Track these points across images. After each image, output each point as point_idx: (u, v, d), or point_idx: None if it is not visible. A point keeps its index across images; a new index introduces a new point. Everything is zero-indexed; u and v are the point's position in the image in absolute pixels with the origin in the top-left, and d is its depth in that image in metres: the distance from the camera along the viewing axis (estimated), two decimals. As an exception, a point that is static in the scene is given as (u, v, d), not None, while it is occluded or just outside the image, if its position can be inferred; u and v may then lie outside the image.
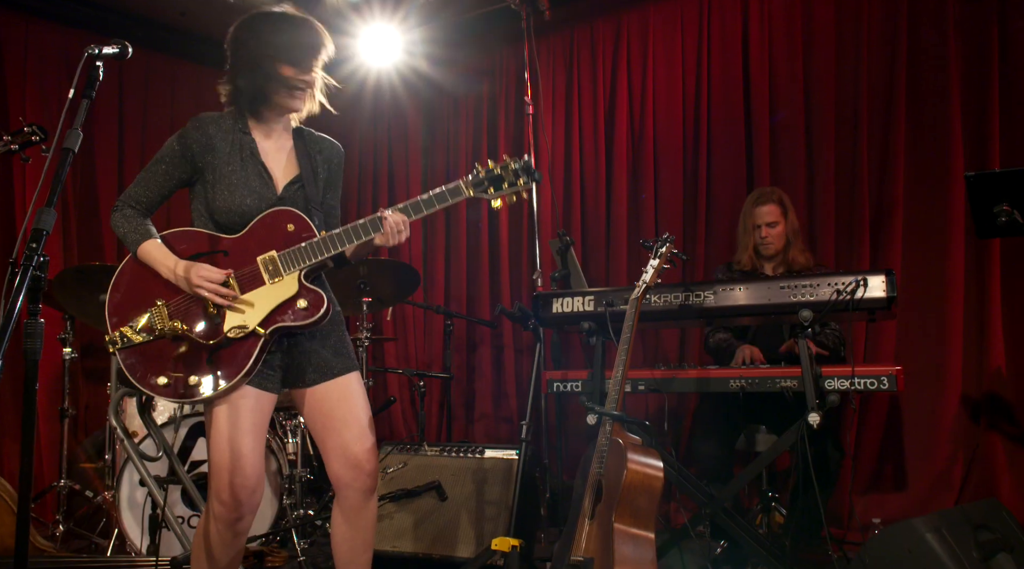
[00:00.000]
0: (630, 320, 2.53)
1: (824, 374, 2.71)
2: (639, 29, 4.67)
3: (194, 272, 2.10)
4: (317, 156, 2.33)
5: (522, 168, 2.16)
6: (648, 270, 2.60)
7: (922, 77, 3.78)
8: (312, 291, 2.13)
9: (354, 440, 2.20)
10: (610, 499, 2.22)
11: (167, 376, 2.11)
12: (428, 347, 5.45)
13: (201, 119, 2.22)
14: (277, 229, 2.16)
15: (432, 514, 3.43)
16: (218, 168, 2.18)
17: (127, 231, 2.21)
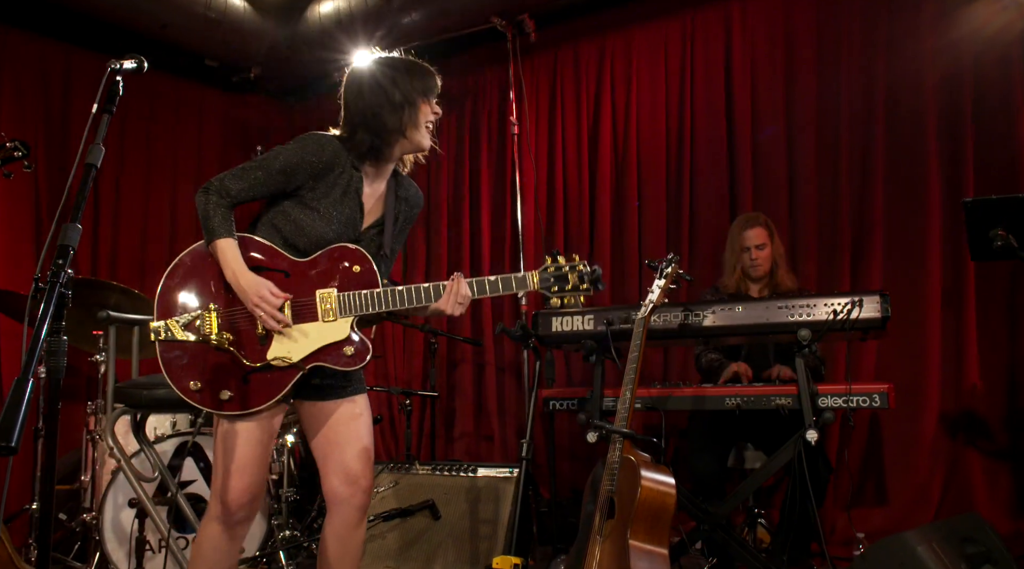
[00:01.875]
0: (638, 339, 2.57)
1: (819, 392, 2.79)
2: (623, 51, 4.76)
3: (257, 288, 2.07)
4: (403, 205, 2.33)
5: (590, 277, 2.13)
6: (654, 290, 2.65)
7: (900, 103, 3.92)
8: (360, 340, 2.11)
9: (355, 458, 2.22)
10: (624, 516, 2.24)
11: (202, 382, 2.11)
12: (408, 365, 5.43)
13: (322, 143, 2.16)
14: (341, 267, 2.12)
15: (426, 533, 3.41)
16: (319, 193, 2.16)
17: (212, 217, 2.11)
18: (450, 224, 5.38)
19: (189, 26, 5.03)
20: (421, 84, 2.23)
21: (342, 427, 2.23)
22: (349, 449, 2.22)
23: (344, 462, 2.21)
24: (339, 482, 2.21)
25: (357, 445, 2.23)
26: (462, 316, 5.10)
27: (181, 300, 2.15)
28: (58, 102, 4.85)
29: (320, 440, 2.25)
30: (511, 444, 4.96)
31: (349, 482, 2.21)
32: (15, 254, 4.52)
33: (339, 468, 2.21)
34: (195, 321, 2.12)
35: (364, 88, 2.21)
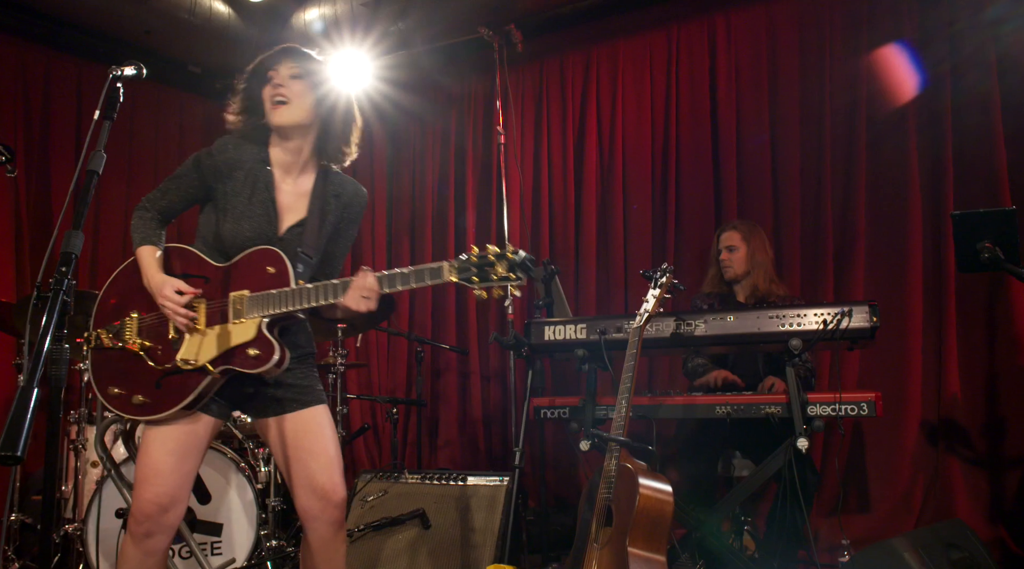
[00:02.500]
0: (633, 348, 2.59)
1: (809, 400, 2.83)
2: (608, 62, 4.81)
3: (161, 287, 2.09)
4: (333, 199, 2.27)
5: (519, 264, 1.94)
6: (649, 300, 2.67)
7: (881, 114, 3.99)
8: (267, 341, 2.03)
9: (321, 470, 2.14)
10: (623, 524, 2.26)
11: (120, 388, 2.11)
12: (392, 373, 5.41)
13: (225, 143, 2.20)
14: (257, 269, 2.10)
15: (416, 542, 3.40)
16: (229, 196, 2.17)
17: (135, 231, 2.21)
18: (435, 231, 5.38)
19: (172, 32, 5.00)
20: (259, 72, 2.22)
21: (303, 441, 2.17)
22: (314, 462, 2.15)
23: (310, 476, 2.14)
24: (308, 498, 2.15)
25: (322, 457, 2.15)
26: (447, 324, 5.13)
27: (111, 310, 2.20)
28: (38, 107, 4.80)
29: (284, 457, 2.19)
30: (496, 453, 4.96)
31: (318, 497, 2.14)
32: (-6, 258, 4.46)
33: (306, 483, 2.15)
34: (119, 329, 2.15)
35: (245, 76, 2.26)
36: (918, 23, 3.93)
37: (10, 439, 1.51)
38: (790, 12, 4.29)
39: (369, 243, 5.60)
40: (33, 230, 4.70)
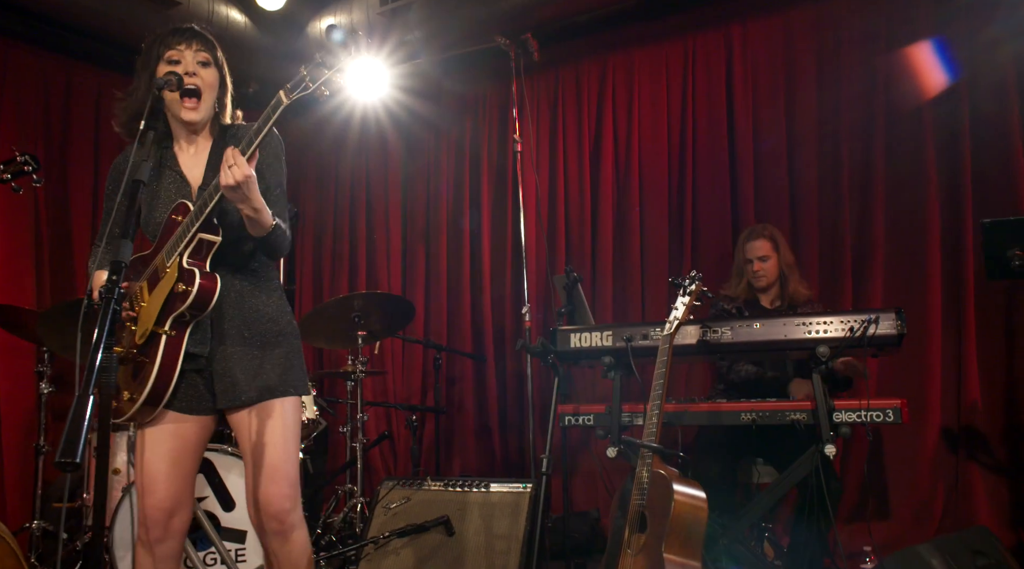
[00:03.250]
0: (664, 356, 2.61)
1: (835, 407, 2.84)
2: (624, 71, 4.84)
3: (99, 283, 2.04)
4: (232, 142, 2.13)
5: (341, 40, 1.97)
6: (679, 307, 2.69)
7: (898, 121, 4.02)
8: (187, 271, 1.98)
9: (264, 481, 2.05)
10: (658, 530, 2.27)
11: (116, 399, 2.07)
12: (407, 381, 5.42)
13: (118, 158, 2.23)
14: (171, 226, 2.07)
15: (440, 549, 3.41)
16: (147, 193, 2.15)
17: (89, 267, 2.22)
18: (450, 239, 5.40)
19: (190, 41, 5.03)
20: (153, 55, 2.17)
21: (247, 442, 2.09)
22: (259, 472, 2.06)
23: (254, 486, 2.06)
24: (251, 508, 2.08)
25: (267, 466, 2.05)
26: (463, 331, 5.14)
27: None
28: (58, 117, 4.83)
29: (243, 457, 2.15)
30: (512, 460, 4.97)
31: (258, 509, 2.06)
32: (15, 269, 4.48)
33: (251, 492, 2.08)
34: None
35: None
36: (935, 30, 3.95)
37: (69, 446, 1.53)
38: (806, 21, 4.32)
39: (384, 251, 5.62)
40: (52, 239, 4.72)
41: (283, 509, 2.06)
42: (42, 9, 4.53)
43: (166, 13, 4.77)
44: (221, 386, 2.10)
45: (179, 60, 2.15)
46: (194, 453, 2.13)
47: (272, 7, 5.08)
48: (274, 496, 2.06)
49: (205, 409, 2.12)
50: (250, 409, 2.10)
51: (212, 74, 2.18)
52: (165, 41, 2.17)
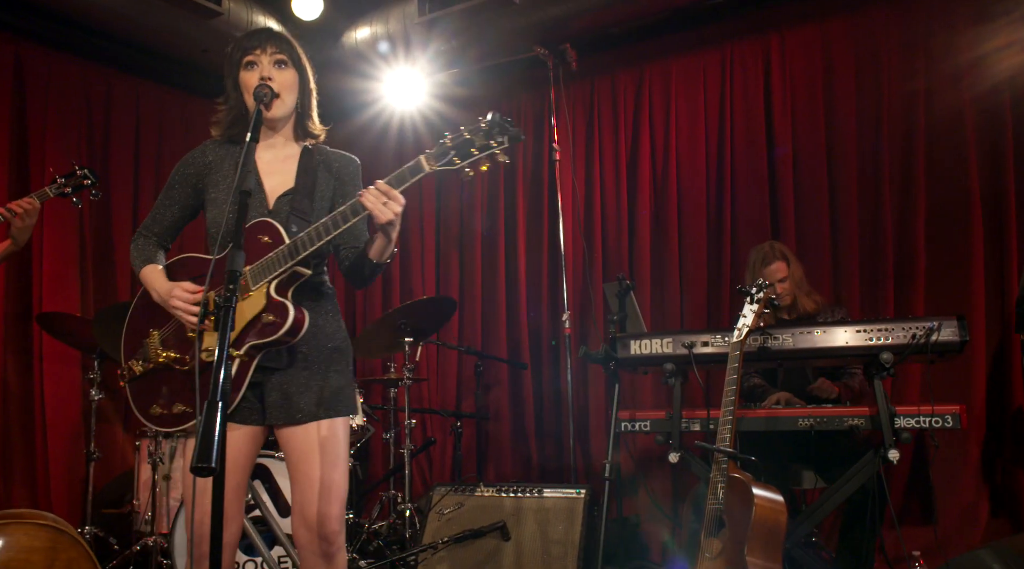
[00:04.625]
0: (735, 363, 2.66)
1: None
2: (661, 81, 4.89)
3: (169, 292, 2.08)
4: (323, 170, 2.24)
5: (496, 126, 1.85)
6: (747, 315, 2.74)
7: (940, 129, 4.06)
8: (278, 304, 1.99)
9: (312, 501, 2.05)
10: (738, 535, 2.31)
11: (159, 406, 2.11)
12: (441, 388, 5.46)
13: (207, 143, 2.25)
14: (254, 243, 2.05)
15: (497, 554, 3.45)
16: (219, 185, 2.18)
17: (134, 259, 2.24)
18: (484, 245, 5.44)
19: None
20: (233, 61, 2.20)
21: (300, 461, 2.08)
22: (310, 489, 2.06)
23: (303, 503, 2.06)
24: (299, 526, 2.07)
25: (313, 486, 2.05)
26: (498, 338, 5.18)
27: (136, 340, 2.20)
28: (100, 126, 4.87)
29: (289, 474, 2.13)
30: (549, 466, 5.00)
31: (307, 528, 2.06)
32: (61, 277, 4.51)
33: (299, 509, 2.07)
34: (144, 351, 2.16)
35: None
36: (976, 38, 3.99)
37: (205, 452, 1.57)
38: (845, 30, 4.37)
39: (419, 257, 5.66)
40: (95, 247, 4.76)
41: (334, 530, 2.07)
42: (84, 18, 4.57)
43: (205, 23, 4.82)
44: (273, 400, 2.09)
45: (255, 63, 2.19)
46: (244, 465, 2.12)
47: (308, 17, 5.12)
48: (328, 516, 2.06)
49: (255, 420, 2.12)
50: (304, 426, 2.09)
51: (290, 74, 2.21)
52: (241, 46, 2.22)
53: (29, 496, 4.28)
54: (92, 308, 4.63)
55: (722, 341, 3.04)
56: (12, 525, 2.64)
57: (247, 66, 2.19)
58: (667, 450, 4.54)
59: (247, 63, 2.19)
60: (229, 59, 2.24)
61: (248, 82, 2.17)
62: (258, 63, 2.18)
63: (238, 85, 2.21)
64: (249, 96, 2.17)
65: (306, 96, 2.27)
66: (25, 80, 4.51)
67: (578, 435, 4.60)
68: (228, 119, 2.25)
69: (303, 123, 2.28)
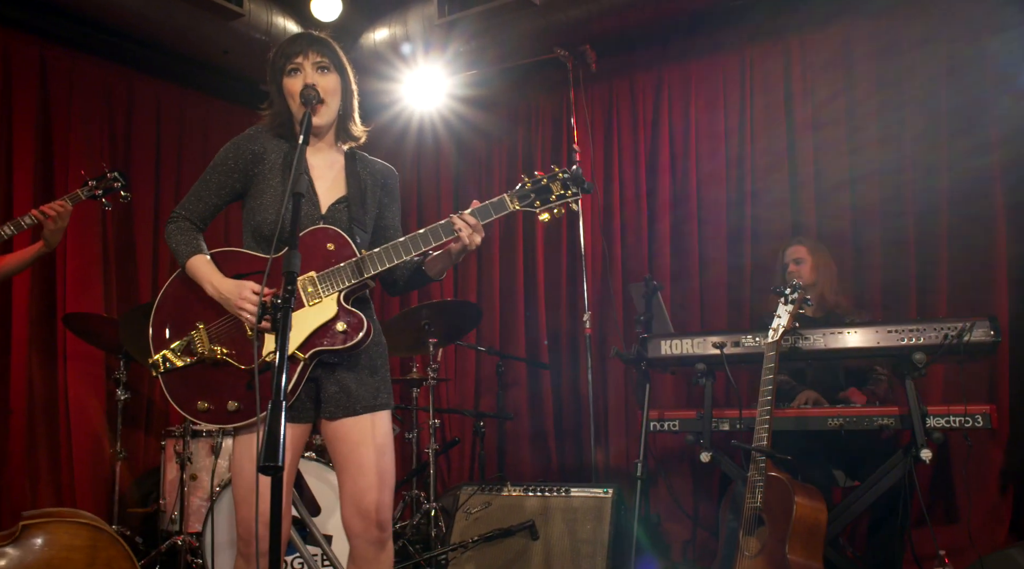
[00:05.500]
0: (771, 363, 2.68)
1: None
2: (680, 83, 4.91)
3: (239, 291, 2.08)
4: (368, 178, 2.30)
5: (572, 178, 2.07)
6: (782, 315, 2.76)
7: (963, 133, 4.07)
8: (352, 313, 2.07)
9: (368, 489, 2.10)
10: (779, 533, 2.33)
11: (207, 401, 2.11)
12: (460, 387, 5.48)
13: (256, 128, 2.25)
14: (317, 249, 2.10)
15: (526, 553, 3.47)
16: (266, 179, 2.19)
17: (178, 243, 2.20)
18: (503, 246, 5.46)
19: (247, 52, 5.08)
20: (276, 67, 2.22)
21: (353, 452, 2.13)
22: (362, 479, 2.11)
23: (356, 493, 2.11)
24: (351, 515, 2.12)
25: (371, 474, 2.11)
26: (516, 338, 5.20)
27: (171, 329, 2.18)
28: (122, 128, 4.88)
29: (335, 465, 2.18)
30: (569, 466, 5.02)
31: (362, 516, 2.10)
32: (85, 277, 4.53)
33: (351, 499, 2.12)
34: (187, 344, 2.15)
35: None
36: (999, 41, 4.01)
37: (271, 451, 1.59)
38: (865, 33, 4.39)
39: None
40: (117, 247, 4.78)
41: (387, 518, 2.13)
42: (106, 19, 4.58)
43: (226, 24, 4.84)
44: (331, 393, 2.15)
45: (299, 70, 2.21)
46: (293, 462, 2.16)
47: (327, 18, 5.14)
48: (382, 504, 2.12)
49: (305, 418, 2.16)
50: (360, 418, 2.15)
51: (332, 79, 2.23)
52: (284, 51, 2.24)
53: (54, 495, 4.30)
54: (116, 308, 4.65)
55: (753, 341, 3.07)
56: (54, 523, 2.69)
57: (290, 72, 2.22)
58: (687, 449, 4.63)
59: (290, 70, 2.22)
60: (272, 65, 2.27)
61: (292, 88, 2.21)
62: (301, 69, 2.21)
63: (282, 90, 2.24)
64: (293, 101, 2.21)
65: (348, 98, 2.31)
66: (49, 82, 4.53)
67: (598, 435, 4.62)
68: (275, 123, 2.28)
69: (346, 125, 2.32)
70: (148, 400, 4.81)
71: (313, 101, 2.16)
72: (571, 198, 2.05)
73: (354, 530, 2.13)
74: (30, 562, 2.58)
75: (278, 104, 2.26)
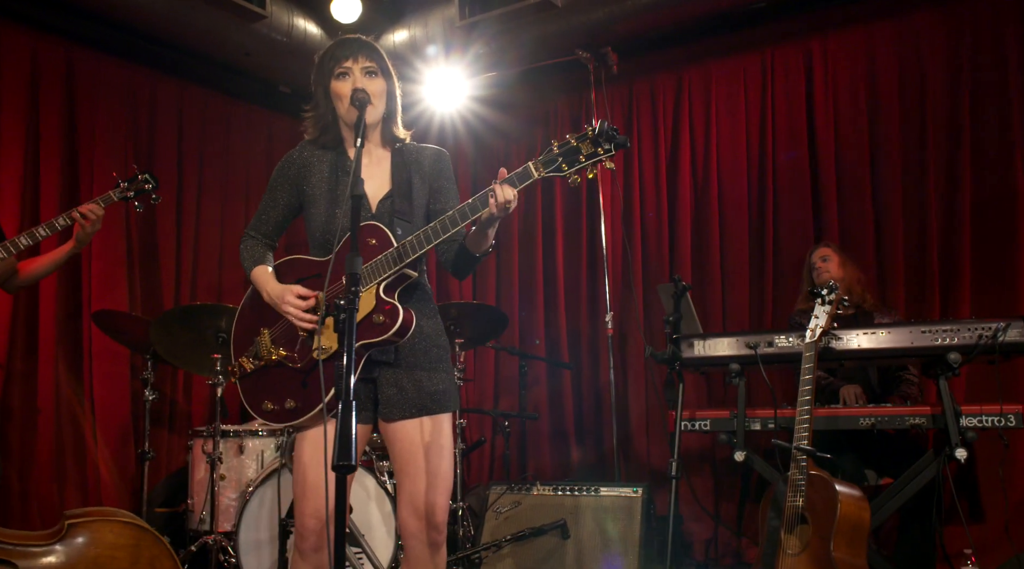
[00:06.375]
0: (809, 363, 2.70)
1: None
2: (701, 84, 4.93)
3: (282, 295, 2.16)
4: (413, 166, 2.30)
5: (603, 134, 1.92)
6: (820, 316, 2.79)
7: (985, 133, 4.10)
8: (388, 304, 2.06)
9: (425, 489, 2.13)
10: (824, 531, 2.36)
11: (271, 402, 2.19)
12: (479, 387, 5.50)
13: (302, 144, 2.33)
14: (362, 246, 2.10)
15: (557, 552, 3.50)
16: (316, 187, 2.26)
17: (244, 259, 2.34)
18: (521, 246, 5.49)
19: (268, 54, 5.11)
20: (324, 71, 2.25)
21: (412, 453, 2.16)
22: (420, 480, 2.14)
23: (414, 494, 2.14)
24: (409, 515, 2.15)
25: (429, 475, 2.14)
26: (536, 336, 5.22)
27: (245, 338, 2.29)
28: (145, 129, 4.90)
29: (394, 466, 2.21)
30: (590, 465, 5.04)
31: (418, 517, 2.13)
32: (110, 277, 4.55)
33: (409, 500, 2.14)
34: (256, 350, 2.24)
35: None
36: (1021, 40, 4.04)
37: (345, 451, 1.62)
38: (888, 34, 4.41)
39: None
40: (141, 247, 4.79)
41: (442, 520, 2.16)
42: (131, 21, 4.60)
43: (248, 26, 4.86)
44: (388, 395, 2.17)
45: (347, 74, 2.24)
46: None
47: (347, 20, 5.17)
48: (440, 506, 2.15)
49: (365, 418, 2.20)
50: (418, 420, 2.17)
51: (379, 83, 2.27)
52: (334, 55, 2.27)
53: (80, 496, 4.32)
54: (140, 307, 4.67)
55: (787, 342, 3.10)
56: (99, 522, 2.71)
57: (339, 76, 2.25)
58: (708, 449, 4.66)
59: (339, 73, 2.25)
60: (319, 68, 2.30)
61: (341, 91, 2.24)
62: (350, 73, 2.24)
63: (329, 93, 2.27)
64: (341, 103, 2.25)
65: (392, 102, 2.34)
66: (75, 83, 4.55)
67: (619, 434, 4.65)
68: (318, 127, 2.32)
69: (389, 127, 2.35)
70: (171, 401, 4.83)
71: (366, 102, 2.19)
72: (604, 155, 1.93)
73: (410, 530, 2.16)
74: (77, 560, 2.61)
75: (323, 106, 2.30)
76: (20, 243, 3.08)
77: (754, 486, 4.46)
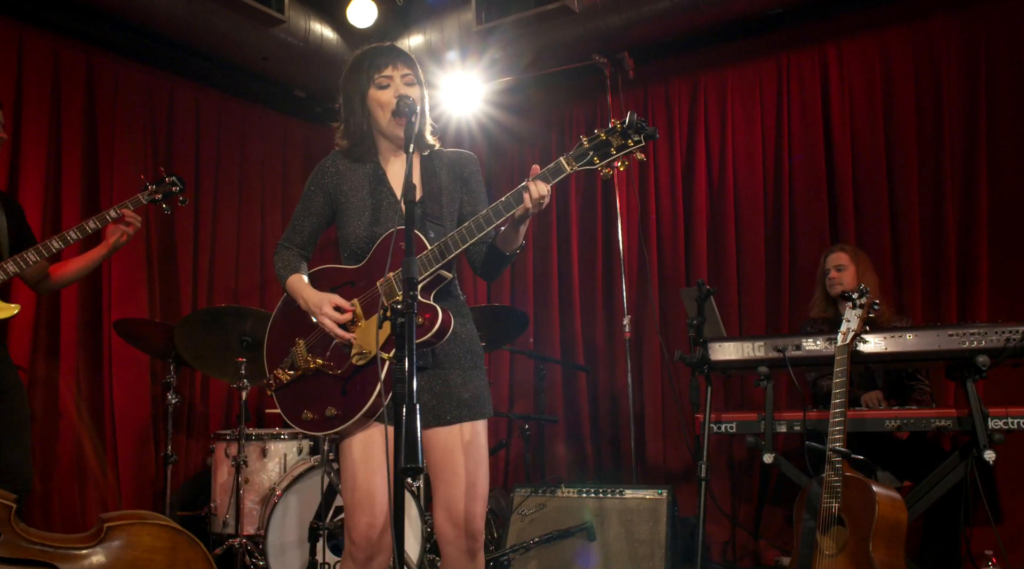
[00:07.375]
0: (841, 366, 2.73)
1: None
2: (716, 90, 4.97)
3: (319, 304, 2.15)
4: (443, 171, 2.32)
5: (632, 126, 1.96)
6: (851, 319, 2.82)
7: (1001, 136, 4.14)
8: (426, 306, 2.06)
9: (461, 496, 2.13)
10: (862, 533, 2.38)
11: (311, 411, 2.18)
12: (495, 390, 5.51)
13: (333, 154, 2.34)
14: (396, 251, 2.10)
15: (583, 554, 3.51)
16: (350, 196, 2.27)
17: (279, 269, 2.33)
18: (536, 250, 5.51)
19: (286, 58, 5.14)
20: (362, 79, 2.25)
21: (448, 459, 2.16)
22: (456, 486, 2.14)
23: (450, 500, 2.14)
24: (444, 521, 2.15)
25: (462, 483, 2.13)
26: (551, 341, 5.24)
27: (280, 348, 2.29)
28: (163, 133, 4.92)
29: (430, 472, 2.21)
30: (606, 469, 5.07)
31: (454, 524, 2.13)
32: (130, 282, 4.56)
33: (444, 506, 2.15)
34: (292, 360, 2.24)
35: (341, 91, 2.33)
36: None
37: (412, 453, 1.64)
38: (903, 40, 4.45)
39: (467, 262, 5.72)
40: (160, 252, 4.80)
41: (479, 528, 2.15)
42: (151, 25, 4.62)
43: (266, 31, 4.88)
44: (423, 402, 2.16)
45: (388, 83, 2.25)
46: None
47: (362, 25, 5.20)
48: (476, 514, 2.15)
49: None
50: (452, 427, 2.17)
51: (417, 91, 2.29)
52: (374, 63, 2.27)
53: (100, 500, 4.32)
54: (159, 312, 4.67)
55: (815, 345, 3.13)
56: (136, 525, 2.72)
57: (380, 85, 2.26)
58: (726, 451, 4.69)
59: (380, 82, 2.26)
60: (354, 77, 2.30)
61: (382, 99, 2.25)
62: (392, 81, 2.25)
63: (367, 102, 2.27)
64: (382, 111, 2.26)
65: (424, 111, 2.35)
66: (96, 87, 4.57)
67: (637, 438, 4.67)
68: (351, 138, 2.32)
69: (422, 135, 2.35)
70: (190, 404, 4.83)
71: (411, 112, 2.20)
72: (635, 147, 1.96)
73: (446, 537, 2.16)
74: (116, 562, 2.61)
75: (359, 115, 2.29)
76: (52, 246, 3.08)
77: (772, 488, 4.49)
